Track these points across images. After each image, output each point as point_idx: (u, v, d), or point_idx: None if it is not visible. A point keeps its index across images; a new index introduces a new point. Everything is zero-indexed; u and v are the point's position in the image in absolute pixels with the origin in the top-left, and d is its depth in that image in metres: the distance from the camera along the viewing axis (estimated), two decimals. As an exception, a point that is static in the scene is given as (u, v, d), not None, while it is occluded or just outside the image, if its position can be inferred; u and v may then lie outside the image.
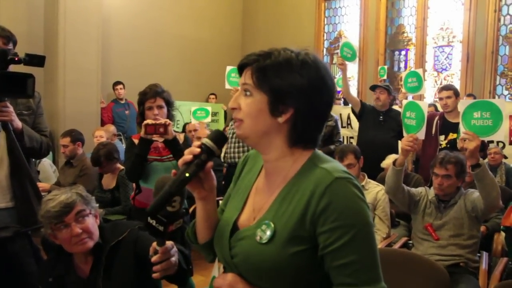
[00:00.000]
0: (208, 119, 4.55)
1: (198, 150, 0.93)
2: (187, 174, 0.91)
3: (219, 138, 0.96)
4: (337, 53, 6.03)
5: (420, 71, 4.14)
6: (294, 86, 0.90)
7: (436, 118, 3.59)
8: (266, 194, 0.98)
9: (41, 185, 3.43)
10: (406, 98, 3.97)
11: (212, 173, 1.00)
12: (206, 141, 0.94)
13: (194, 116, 4.56)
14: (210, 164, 0.95)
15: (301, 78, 0.90)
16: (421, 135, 2.42)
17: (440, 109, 4.72)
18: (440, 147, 3.47)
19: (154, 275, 1.06)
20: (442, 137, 3.52)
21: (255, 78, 0.92)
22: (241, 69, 0.96)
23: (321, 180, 0.88)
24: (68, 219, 1.46)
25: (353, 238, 0.85)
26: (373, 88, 4.16)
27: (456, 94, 3.60)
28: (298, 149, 0.96)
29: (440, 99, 3.61)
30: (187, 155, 0.93)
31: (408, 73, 4.18)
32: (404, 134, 2.49)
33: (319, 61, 0.94)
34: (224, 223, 1.02)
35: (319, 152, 0.99)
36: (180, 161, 0.94)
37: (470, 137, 2.21)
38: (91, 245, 1.52)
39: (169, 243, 1.08)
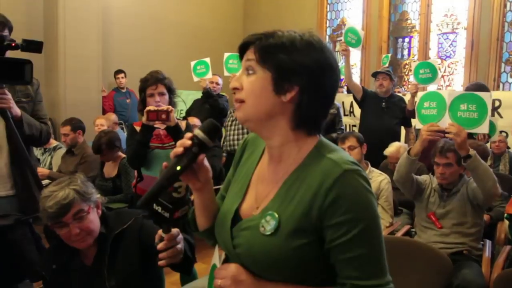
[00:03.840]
0: (209, 74, 4.45)
1: (189, 142, 0.90)
2: (178, 168, 0.89)
3: (212, 129, 0.92)
4: (340, 40, 5.94)
5: (433, 61, 4.06)
6: (299, 63, 0.87)
7: None
8: (269, 183, 0.95)
9: (40, 170, 3.42)
10: (417, 90, 3.86)
11: (207, 164, 0.97)
12: (197, 132, 0.91)
13: (195, 73, 4.47)
14: (202, 156, 0.92)
15: (306, 57, 0.87)
16: (444, 123, 2.37)
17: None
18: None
19: (160, 262, 1.05)
20: None
21: (258, 55, 0.89)
22: (243, 50, 0.93)
23: (329, 172, 0.86)
24: (66, 219, 1.42)
25: (361, 232, 0.84)
26: (375, 74, 4.12)
27: None
28: (302, 134, 0.92)
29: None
30: (178, 148, 0.90)
31: (419, 64, 4.09)
32: (419, 125, 2.43)
33: (323, 43, 0.92)
34: (225, 211, 1.00)
35: (325, 140, 0.95)
36: (172, 154, 0.91)
37: (456, 129, 2.19)
38: (91, 242, 1.50)
39: (174, 230, 1.06)
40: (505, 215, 2.74)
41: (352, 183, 0.85)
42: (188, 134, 0.92)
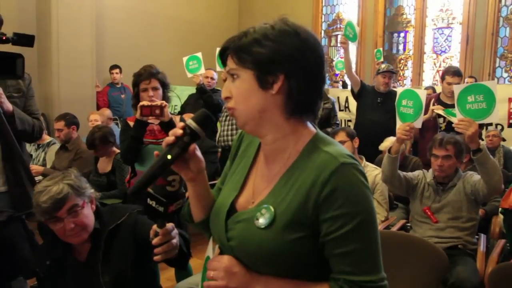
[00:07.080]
0: (202, 69, 4.40)
1: (181, 131, 0.90)
2: (169, 157, 0.89)
3: (204, 119, 0.92)
4: (338, 34, 5.94)
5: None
6: (277, 53, 0.86)
7: (432, 100, 3.54)
8: (267, 178, 0.95)
9: (34, 168, 3.40)
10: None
11: (200, 154, 0.96)
12: (189, 122, 0.91)
13: (188, 69, 4.43)
14: (193, 146, 0.92)
15: (283, 46, 0.86)
16: (418, 124, 2.39)
17: (436, 91, 4.68)
18: (440, 129, 3.43)
19: (155, 257, 1.04)
20: (440, 120, 3.49)
21: (236, 58, 0.88)
22: (224, 56, 0.92)
23: (326, 165, 0.85)
24: (61, 214, 1.41)
25: (356, 227, 0.83)
26: (383, 73, 4.00)
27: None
28: (298, 124, 0.91)
29: (449, 83, 3.42)
30: (170, 137, 0.90)
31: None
32: (399, 122, 2.45)
33: (298, 26, 0.90)
34: (221, 204, 0.99)
35: (322, 133, 0.94)
36: (163, 143, 0.91)
37: (466, 123, 2.18)
38: (85, 237, 1.49)
39: (169, 224, 1.05)
40: (500, 209, 2.75)
41: (348, 176, 0.84)
42: (180, 124, 0.92)
